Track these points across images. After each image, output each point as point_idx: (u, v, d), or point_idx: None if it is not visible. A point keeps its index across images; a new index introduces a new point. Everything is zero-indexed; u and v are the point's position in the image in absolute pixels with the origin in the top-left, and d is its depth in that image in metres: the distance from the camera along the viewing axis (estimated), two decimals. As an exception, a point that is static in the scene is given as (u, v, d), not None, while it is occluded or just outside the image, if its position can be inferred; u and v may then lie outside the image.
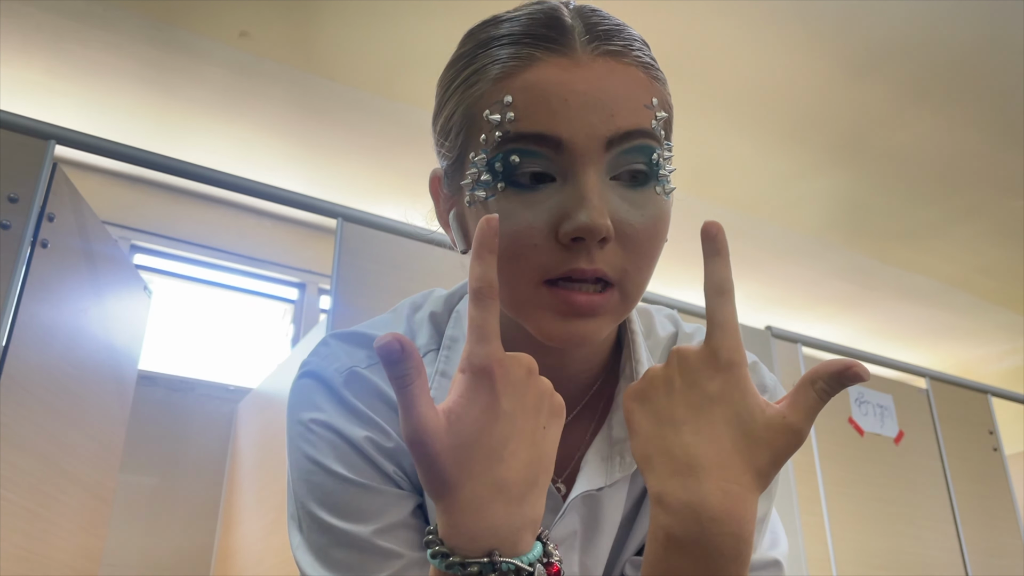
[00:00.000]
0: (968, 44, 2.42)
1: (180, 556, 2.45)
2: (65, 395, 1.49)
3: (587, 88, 0.55)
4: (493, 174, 0.56)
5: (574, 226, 0.53)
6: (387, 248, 1.73)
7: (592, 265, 0.54)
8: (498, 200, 0.56)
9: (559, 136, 0.54)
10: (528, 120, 0.55)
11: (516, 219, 0.55)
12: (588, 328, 0.56)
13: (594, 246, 0.54)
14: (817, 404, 0.51)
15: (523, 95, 0.55)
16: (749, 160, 3.03)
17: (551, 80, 0.55)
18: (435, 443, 0.48)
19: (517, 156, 0.55)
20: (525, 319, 0.57)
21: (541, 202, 0.55)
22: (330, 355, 0.65)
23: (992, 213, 3.30)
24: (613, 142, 0.55)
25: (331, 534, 0.59)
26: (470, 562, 0.48)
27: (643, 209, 0.56)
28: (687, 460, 0.51)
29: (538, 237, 0.55)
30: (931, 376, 2.70)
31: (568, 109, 0.54)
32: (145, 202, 3.08)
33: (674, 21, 2.33)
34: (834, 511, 2.22)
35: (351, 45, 2.48)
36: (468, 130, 0.58)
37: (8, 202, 1.37)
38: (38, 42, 2.42)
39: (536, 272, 0.55)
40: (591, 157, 0.54)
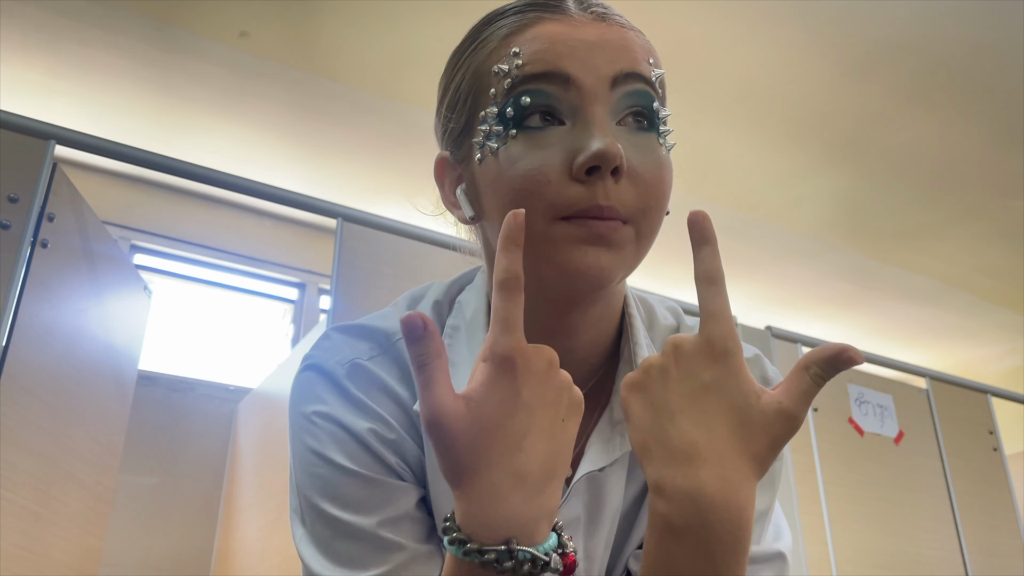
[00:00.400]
0: (968, 44, 2.42)
1: (180, 556, 2.45)
2: (65, 395, 1.49)
3: (590, 37, 0.58)
4: (504, 122, 0.58)
5: (589, 154, 0.54)
6: (387, 248, 1.73)
7: (608, 201, 0.55)
8: (509, 147, 0.57)
9: (567, 72, 0.57)
10: (536, 63, 0.57)
11: (528, 159, 0.56)
12: (605, 259, 0.56)
13: (608, 180, 0.55)
14: (812, 389, 0.51)
15: (530, 45, 0.58)
16: (749, 160, 3.03)
17: (556, 31, 0.58)
18: (452, 426, 0.48)
19: (527, 96, 0.57)
20: (540, 257, 0.57)
21: (553, 143, 0.56)
22: (332, 348, 0.66)
23: (992, 213, 3.30)
24: (618, 80, 0.57)
25: (334, 526, 0.59)
26: (487, 549, 0.48)
27: (648, 153, 0.58)
28: (684, 449, 0.51)
29: (552, 174, 0.56)
30: (931, 376, 2.70)
31: (574, 51, 0.57)
32: (145, 202, 3.08)
33: (674, 21, 2.33)
34: (834, 511, 2.22)
35: (351, 45, 2.48)
36: (477, 90, 0.60)
37: (8, 202, 1.37)
38: (38, 42, 2.42)
39: (551, 208, 0.56)
40: (598, 95, 0.57)
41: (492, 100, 0.59)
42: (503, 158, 0.58)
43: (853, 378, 2.48)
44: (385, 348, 0.66)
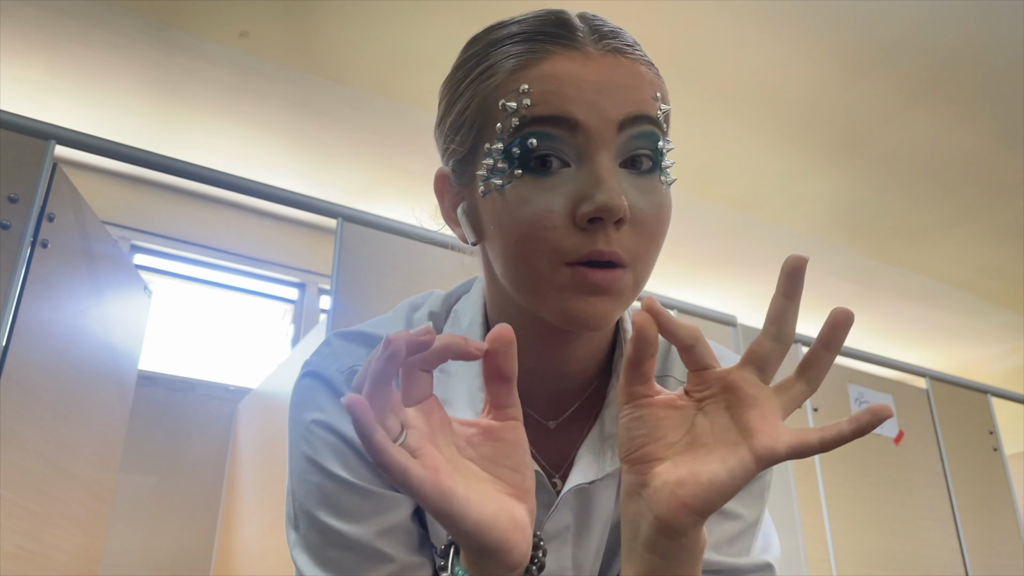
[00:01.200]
0: (968, 44, 2.42)
1: (180, 556, 2.45)
2: (65, 395, 1.49)
3: (599, 77, 0.58)
4: (510, 160, 0.58)
5: (593, 206, 0.55)
6: (387, 248, 1.73)
7: (610, 247, 0.56)
8: (515, 187, 0.57)
9: (575, 118, 0.56)
10: (544, 104, 0.57)
11: (533, 203, 0.57)
12: (604, 306, 0.57)
13: (611, 228, 0.56)
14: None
15: (538, 83, 0.58)
16: (749, 160, 3.03)
17: (565, 70, 0.58)
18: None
19: (535, 139, 0.57)
20: (542, 301, 0.58)
21: (557, 187, 0.57)
22: (331, 354, 0.66)
23: (992, 213, 3.30)
24: (625, 125, 0.57)
25: (327, 534, 0.60)
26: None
27: (650, 195, 0.59)
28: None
29: (556, 219, 0.56)
30: (931, 376, 2.70)
31: (582, 94, 0.57)
32: (145, 202, 3.08)
33: (674, 21, 2.33)
34: (834, 511, 2.22)
35: (351, 45, 2.48)
36: (483, 121, 0.60)
37: (8, 202, 1.37)
38: (38, 42, 2.42)
39: (556, 254, 0.56)
40: (604, 139, 0.57)
41: (498, 135, 0.58)
42: (509, 198, 0.58)
43: (853, 378, 2.48)
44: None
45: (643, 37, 0.65)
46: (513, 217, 0.57)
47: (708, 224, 3.41)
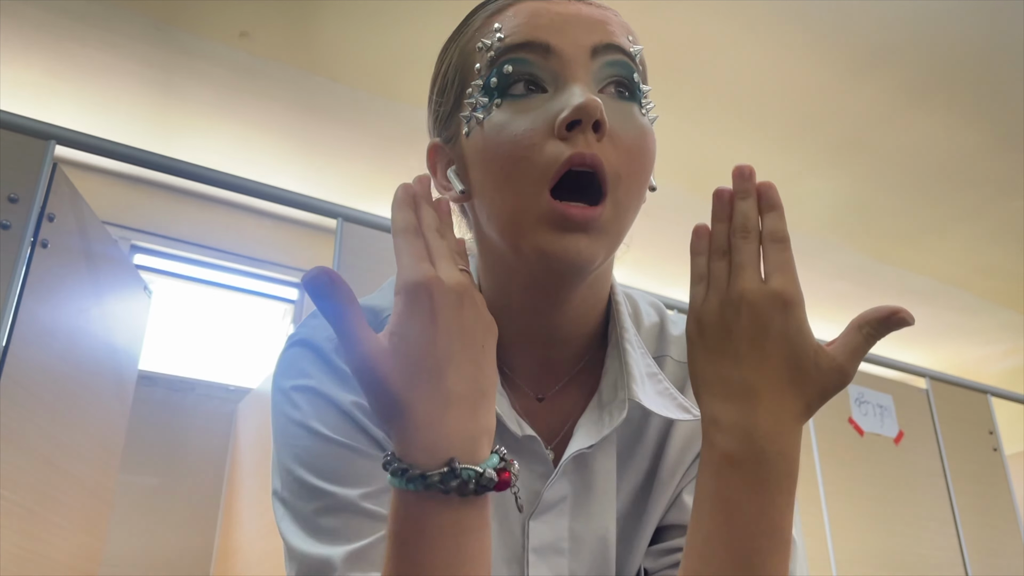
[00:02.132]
0: (968, 44, 2.42)
1: (180, 556, 2.45)
2: (65, 395, 1.49)
3: (569, 11, 0.60)
4: (489, 93, 0.59)
5: (569, 108, 0.55)
6: (387, 248, 1.73)
7: (591, 150, 0.56)
8: (495, 115, 0.58)
9: (547, 41, 0.58)
10: (517, 34, 0.59)
11: (514, 125, 0.57)
12: (582, 244, 0.56)
13: (590, 134, 0.56)
14: (864, 348, 0.56)
15: (510, 20, 0.60)
16: (749, 160, 3.02)
17: (535, 6, 0.61)
18: (382, 366, 0.48)
19: (510, 65, 0.58)
20: (522, 236, 0.57)
21: (536, 108, 0.57)
22: (319, 325, 0.66)
23: (992, 213, 3.30)
24: (598, 51, 0.59)
25: (318, 499, 0.59)
26: (431, 473, 0.47)
27: (630, 119, 0.59)
28: (743, 387, 0.54)
29: (536, 136, 0.57)
30: (931, 376, 2.70)
31: (553, 23, 0.59)
32: (145, 202, 3.08)
33: (674, 21, 2.33)
34: (834, 511, 2.22)
35: (351, 45, 2.48)
36: (463, 69, 0.62)
37: (8, 202, 1.37)
38: (38, 42, 2.42)
39: (539, 170, 0.56)
40: (578, 63, 0.58)
41: (477, 74, 0.60)
42: (489, 127, 0.58)
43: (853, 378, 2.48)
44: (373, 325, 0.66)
45: (643, 37, 0.65)
46: (496, 142, 0.58)
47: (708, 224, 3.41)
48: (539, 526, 0.63)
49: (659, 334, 0.72)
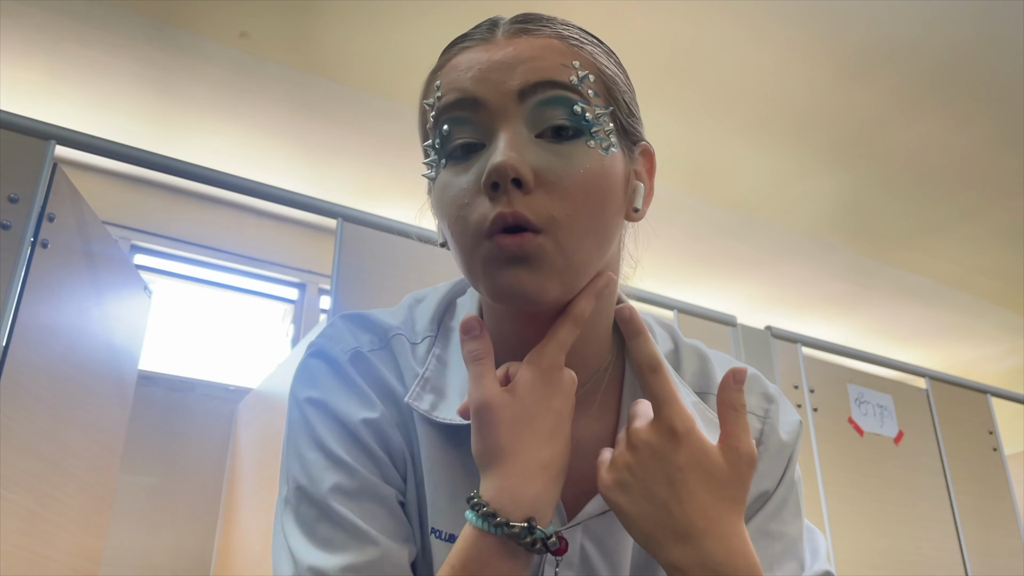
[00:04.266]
0: (968, 44, 2.42)
1: (180, 556, 2.45)
2: (65, 395, 1.49)
3: (497, 56, 0.59)
4: (437, 152, 0.61)
5: (486, 172, 0.56)
6: (387, 248, 1.73)
7: (511, 208, 0.56)
8: (441, 176, 0.61)
9: (474, 95, 0.59)
10: (449, 92, 0.60)
11: (452, 186, 0.59)
12: (523, 276, 0.57)
13: (514, 192, 0.56)
14: (744, 420, 0.59)
15: (446, 76, 0.62)
16: (749, 160, 3.03)
17: (469, 58, 0.61)
18: (500, 411, 0.57)
19: (447, 125, 0.60)
20: (476, 279, 0.60)
21: (472, 167, 0.59)
22: (336, 336, 0.68)
23: (992, 213, 3.30)
24: (525, 93, 0.58)
25: (317, 507, 0.61)
26: (514, 524, 0.55)
27: (569, 159, 0.58)
28: (683, 528, 0.56)
29: (468, 196, 0.58)
30: (931, 376, 2.70)
31: (480, 72, 0.59)
32: (145, 202, 3.08)
33: (674, 22, 2.33)
34: (834, 511, 2.22)
35: (351, 45, 2.48)
36: (422, 127, 0.65)
37: (8, 202, 1.37)
38: (38, 42, 2.42)
39: (475, 228, 0.58)
40: (506, 112, 0.58)
41: (429, 134, 0.63)
42: (438, 187, 0.61)
43: (853, 378, 2.48)
44: (384, 343, 0.69)
45: (643, 38, 0.66)
46: (441, 203, 0.61)
47: (708, 224, 3.41)
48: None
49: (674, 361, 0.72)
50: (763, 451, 0.68)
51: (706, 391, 0.70)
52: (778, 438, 0.69)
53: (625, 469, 0.59)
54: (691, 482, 0.57)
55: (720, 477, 0.57)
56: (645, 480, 0.58)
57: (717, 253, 3.63)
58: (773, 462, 0.69)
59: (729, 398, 0.59)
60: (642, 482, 0.58)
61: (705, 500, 0.57)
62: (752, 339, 2.32)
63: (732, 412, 0.59)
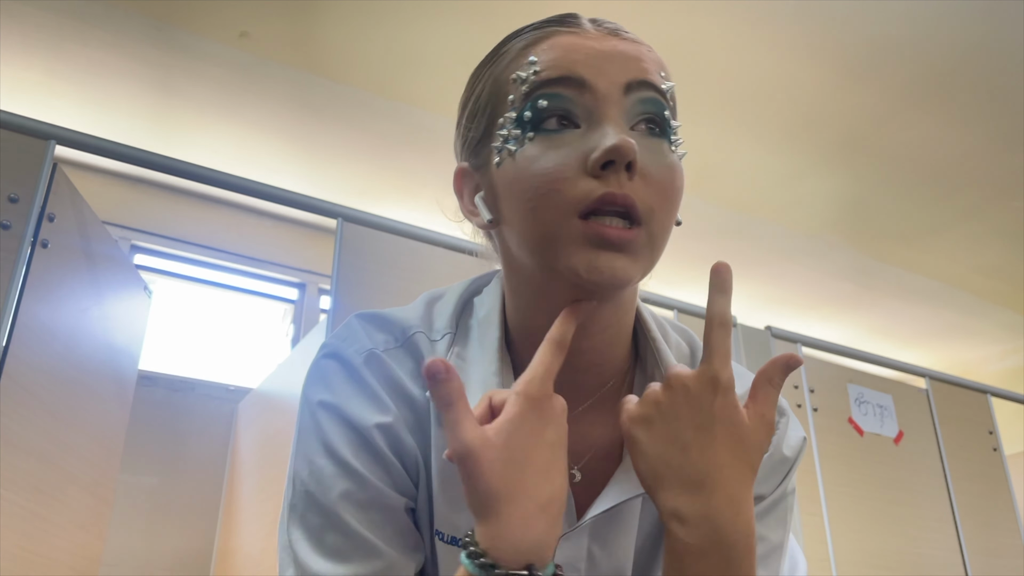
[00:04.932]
0: (967, 44, 2.42)
1: (180, 556, 2.45)
2: (65, 395, 1.49)
3: (604, 47, 0.61)
4: (522, 126, 0.60)
5: (603, 149, 0.56)
6: (387, 248, 1.73)
7: (622, 190, 0.57)
8: (527, 148, 0.59)
9: (582, 77, 0.59)
10: (552, 68, 0.60)
11: (545, 159, 0.58)
12: (618, 264, 0.57)
13: (623, 174, 0.57)
14: (776, 396, 0.60)
15: (546, 54, 0.61)
16: (749, 160, 3.03)
17: (571, 42, 0.61)
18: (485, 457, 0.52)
19: (544, 100, 0.59)
20: (555, 257, 0.58)
21: (569, 143, 0.58)
22: (351, 336, 0.67)
23: (992, 213, 3.30)
24: (631, 87, 0.60)
25: (324, 515, 0.60)
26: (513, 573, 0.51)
27: (661, 156, 0.60)
28: (697, 477, 0.56)
29: (568, 171, 0.57)
30: (931, 376, 2.70)
31: (588, 59, 0.60)
32: (145, 202, 3.08)
33: (674, 21, 2.33)
34: (834, 511, 2.22)
35: (351, 45, 2.48)
36: (496, 98, 0.63)
37: (8, 202, 1.37)
38: (38, 42, 2.42)
39: (570, 204, 0.57)
40: (612, 100, 0.59)
41: (511, 106, 0.61)
42: (520, 159, 0.59)
43: (853, 378, 2.48)
44: (401, 341, 0.67)
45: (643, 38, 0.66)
46: (527, 175, 0.59)
47: (708, 224, 3.41)
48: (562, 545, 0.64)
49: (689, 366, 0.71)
50: (767, 460, 0.68)
51: None
52: (783, 450, 0.70)
53: (654, 405, 0.58)
54: (719, 434, 0.57)
55: (745, 440, 0.57)
56: (673, 419, 0.57)
57: (717, 253, 3.62)
58: (773, 472, 0.69)
59: (772, 373, 0.59)
60: (669, 421, 0.57)
61: (725, 456, 0.56)
62: (752, 339, 2.32)
63: (768, 385, 0.59)
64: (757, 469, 0.58)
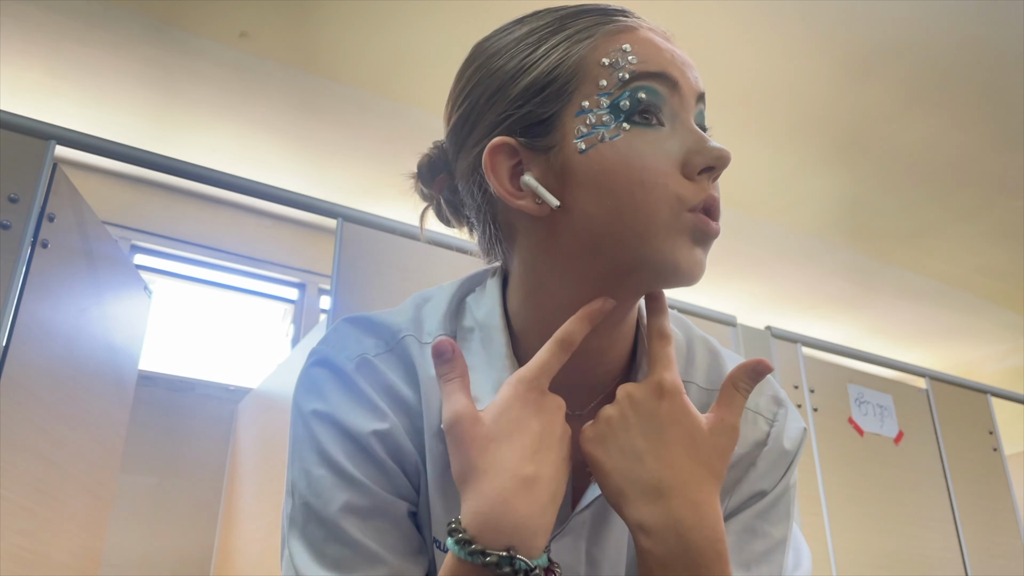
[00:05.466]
0: (968, 44, 2.42)
1: (180, 556, 2.45)
2: (65, 395, 1.49)
3: (682, 53, 0.64)
4: (616, 113, 0.59)
5: (708, 156, 0.59)
6: (387, 248, 1.73)
7: (718, 195, 0.60)
8: (625, 138, 0.59)
9: (676, 78, 0.61)
10: (650, 63, 0.60)
11: (646, 154, 0.59)
12: (703, 259, 0.61)
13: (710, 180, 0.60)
14: (743, 402, 0.60)
15: (639, 45, 0.61)
16: (749, 160, 3.03)
17: (654, 38, 0.63)
18: (471, 427, 0.54)
19: (644, 93, 0.59)
20: (657, 246, 0.59)
21: (660, 141, 0.60)
22: (340, 342, 0.66)
23: (992, 213, 3.30)
24: (701, 98, 0.64)
25: (325, 527, 0.59)
26: (490, 552, 0.51)
27: None
28: (655, 484, 0.56)
29: (669, 168, 0.59)
30: (931, 376, 2.70)
31: (675, 60, 0.62)
32: (145, 202, 3.08)
33: (674, 21, 2.32)
34: (834, 511, 2.22)
35: (351, 45, 2.48)
36: (580, 79, 0.60)
37: (8, 202, 1.37)
38: (38, 42, 2.42)
39: (678, 200, 0.58)
40: (690, 106, 0.62)
41: (602, 90, 0.59)
42: (617, 148, 0.58)
43: (853, 378, 2.48)
44: (391, 345, 0.66)
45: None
46: (629, 166, 0.58)
47: (708, 224, 3.40)
48: (559, 548, 0.63)
49: (685, 355, 0.71)
50: (767, 453, 0.67)
51: (717, 388, 0.69)
52: (783, 443, 0.69)
53: (604, 422, 0.59)
54: (669, 438, 0.57)
55: (700, 442, 0.57)
56: (624, 432, 0.57)
57: (717, 253, 3.59)
58: (775, 466, 0.68)
59: (739, 379, 0.60)
60: (620, 434, 0.58)
61: (683, 461, 0.56)
62: (752, 339, 2.32)
63: (734, 391, 0.60)
64: (722, 475, 0.58)
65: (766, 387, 0.71)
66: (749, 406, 0.69)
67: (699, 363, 0.70)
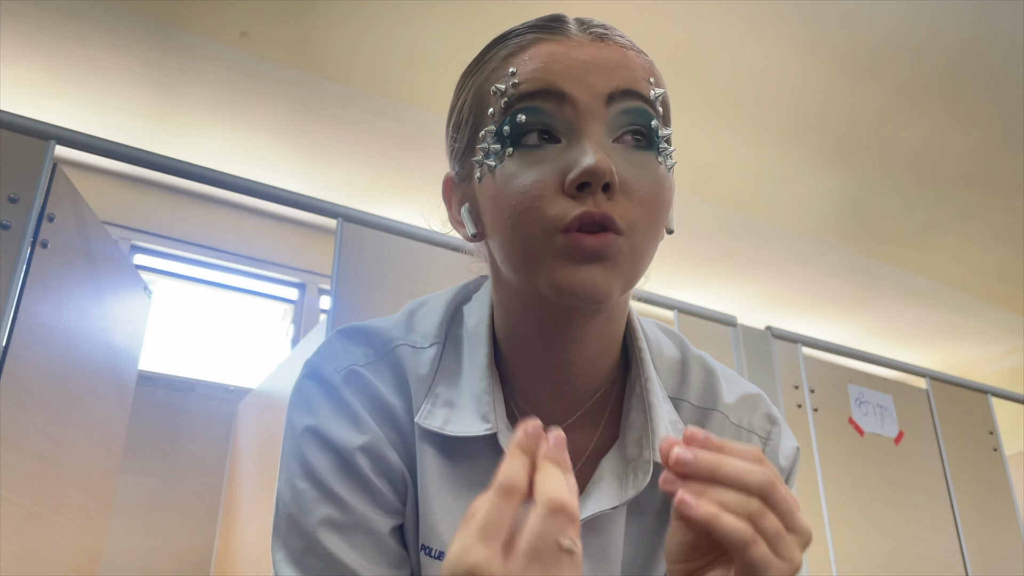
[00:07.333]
0: (968, 44, 2.42)
1: (180, 556, 2.45)
2: (65, 395, 1.49)
3: (586, 56, 0.58)
4: (501, 140, 0.58)
5: (579, 170, 0.54)
6: (387, 248, 1.73)
7: (599, 208, 0.55)
8: (506, 165, 0.58)
9: (562, 90, 0.57)
10: (532, 81, 0.58)
11: (524, 176, 0.57)
12: (598, 277, 0.55)
13: (600, 195, 0.55)
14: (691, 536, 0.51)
15: (526, 64, 0.59)
16: (749, 160, 3.03)
17: (552, 51, 0.59)
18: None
19: (523, 115, 0.57)
20: (537, 273, 0.57)
21: (548, 160, 0.56)
22: (330, 354, 0.66)
23: (992, 213, 3.30)
24: (613, 97, 0.57)
25: (305, 539, 0.60)
26: None
27: (645, 170, 0.58)
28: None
29: (546, 189, 0.56)
30: (931, 376, 2.70)
31: (569, 69, 0.57)
32: (145, 202, 3.08)
33: (673, 21, 2.33)
34: (834, 511, 2.22)
35: (351, 45, 2.48)
36: (477, 111, 0.61)
37: (8, 202, 1.37)
38: (38, 42, 2.42)
39: (548, 222, 0.55)
40: (593, 112, 0.57)
41: (491, 119, 0.59)
42: (499, 176, 0.58)
43: (853, 378, 2.48)
44: (381, 354, 0.66)
45: (643, 37, 0.65)
46: (506, 192, 0.57)
47: (708, 224, 3.41)
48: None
49: (679, 372, 0.70)
50: None
51: (711, 407, 0.69)
52: (779, 461, 0.69)
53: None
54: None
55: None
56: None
57: (717, 253, 3.63)
58: None
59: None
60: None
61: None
62: (752, 339, 2.32)
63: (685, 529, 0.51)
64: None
65: (759, 404, 0.70)
66: (743, 424, 0.68)
67: (693, 381, 0.69)
